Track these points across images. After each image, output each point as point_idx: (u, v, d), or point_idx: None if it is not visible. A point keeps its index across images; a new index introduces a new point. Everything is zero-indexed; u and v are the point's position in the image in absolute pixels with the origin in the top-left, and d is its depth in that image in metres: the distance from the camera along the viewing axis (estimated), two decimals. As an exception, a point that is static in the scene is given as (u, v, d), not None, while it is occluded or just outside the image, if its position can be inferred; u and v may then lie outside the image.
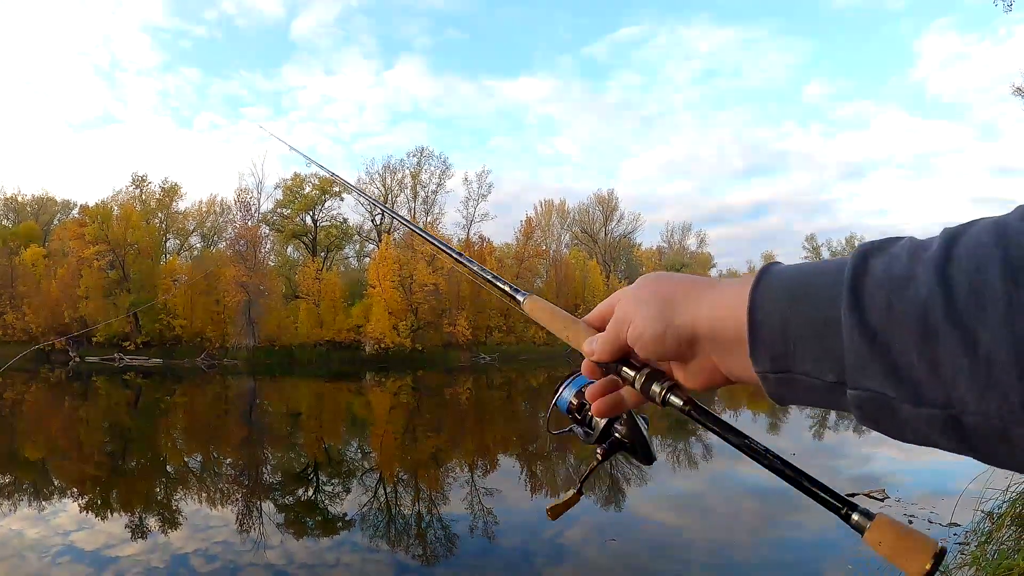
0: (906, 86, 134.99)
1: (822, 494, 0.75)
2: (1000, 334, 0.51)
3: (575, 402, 1.09)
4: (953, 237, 0.57)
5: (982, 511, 7.83)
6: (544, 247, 75.50)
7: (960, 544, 7.81)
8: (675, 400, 0.85)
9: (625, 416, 1.05)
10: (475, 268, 1.35)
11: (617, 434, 1.07)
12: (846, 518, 0.73)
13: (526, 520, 10.41)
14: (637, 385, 0.87)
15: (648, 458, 1.08)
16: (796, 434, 17.96)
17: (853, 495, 10.26)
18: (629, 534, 9.41)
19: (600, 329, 0.92)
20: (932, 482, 11.24)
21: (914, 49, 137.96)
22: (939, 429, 0.57)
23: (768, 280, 0.70)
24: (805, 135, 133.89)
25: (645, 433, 1.07)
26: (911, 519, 9.06)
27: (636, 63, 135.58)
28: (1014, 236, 0.53)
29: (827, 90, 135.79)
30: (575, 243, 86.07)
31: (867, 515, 0.72)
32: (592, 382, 0.96)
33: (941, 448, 0.60)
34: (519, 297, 1.15)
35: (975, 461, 0.61)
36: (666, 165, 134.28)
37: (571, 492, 1.12)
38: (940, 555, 0.65)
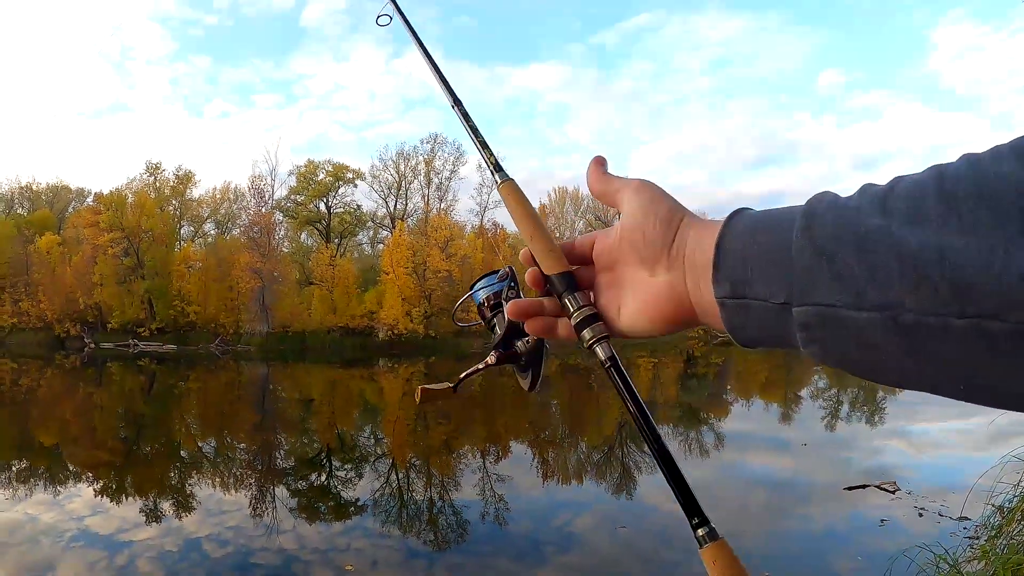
0: (920, 77, 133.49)
1: (686, 497, 0.83)
2: (931, 239, 0.56)
3: (490, 301, 1.08)
4: (898, 177, 0.63)
5: (992, 505, 7.82)
6: (558, 234, 75.35)
7: (970, 538, 7.80)
8: (600, 352, 0.86)
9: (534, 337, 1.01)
10: (465, 126, 1.27)
11: (517, 349, 1.03)
12: (694, 528, 0.81)
13: (536, 507, 10.45)
14: (573, 321, 0.88)
15: (534, 385, 1.05)
16: (808, 425, 17.89)
17: (864, 486, 10.32)
18: (639, 522, 9.43)
19: (570, 258, 0.94)
20: (943, 476, 11.20)
21: (928, 39, 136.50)
22: (880, 331, 0.60)
23: (738, 217, 0.75)
24: (818, 125, 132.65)
25: (544, 360, 1.04)
26: (921, 512, 9.05)
27: (647, 51, 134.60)
28: (950, 171, 0.58)
29: (840, 80, 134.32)
30: (588, 230, 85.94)
31: (712, 535, 0.80)
32: (508, 288, 1.03)
33: (888, 371, 0.63)
34: (497, 177, 1.09)
35: (985, 456, 0.64)
36: (677, 154, 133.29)
37: (445, 384, 1.13)
38: None
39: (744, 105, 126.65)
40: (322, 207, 72.71)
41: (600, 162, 0.95)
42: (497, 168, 1.09)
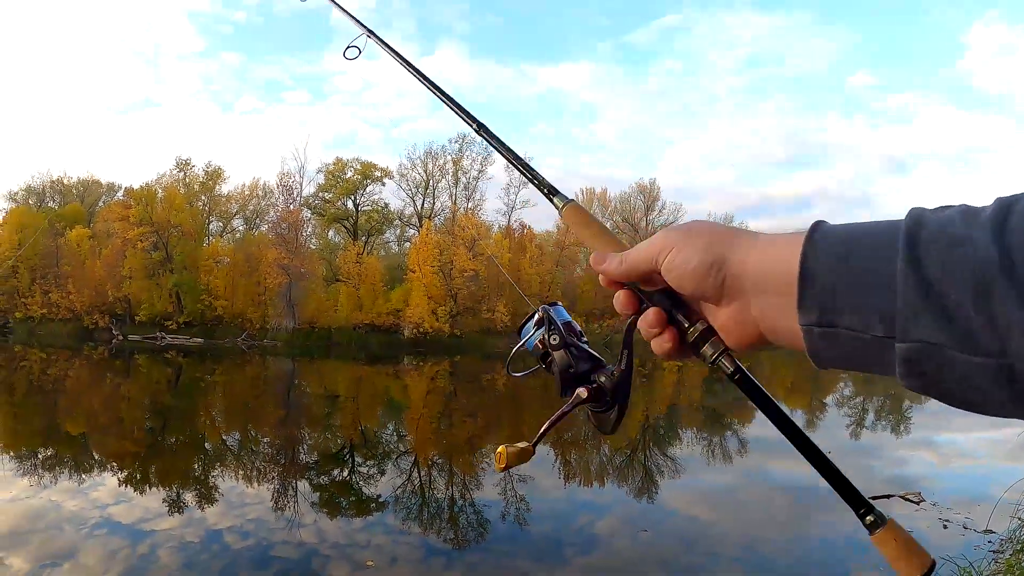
0: (952, 78, 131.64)
1: (846, 491, 0.81)
2: None
3: (541, 347, 1.01)
4: (1008, 205, 0.60)
5: (1019, 519, 7.70)
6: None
7: (995, 552, 7.68)
8: (727, 365, 0.84)
9: (624, 363, 0.94)
10: (512, 151, 1.23)
11: (599, 383, 0.95)
12: (862, 517, 0.81)
13: (558, 508, 10.41)
14: (690, 336, 0.85)
15: (619, 423, 0.97)
16: (833, 432, 17.70)
17: (889, 496, 10.21)
18: (661, 526, 9.37)
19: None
20: (969, 487, 11.03)
21: (961, 40, 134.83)
22: (992, 378, 0.58)
23: (820, 235, 0.71)
24: (849, 126, 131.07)
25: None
26: (946, 524, 8.93)
27: (677, 50, 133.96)
28: None
29: (872, 81, 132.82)
30: (616, 232, 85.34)
31: (881, 519, 0.80)
32: (549, 331, 0.98)
33: (987, 406, 0.62)
34: (556, 201, 1.08)
35: (1014, 467, 0.63)
36: (707, 154, 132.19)
37: (525, 445, 1.02)
38: (931, 568, 0.76)
39: (774, 105, 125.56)
40: (350, 205, 73.00)
41: (600, 260, 0.92)
42: (552, 192, 1.08)
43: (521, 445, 0.98)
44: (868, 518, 0.80)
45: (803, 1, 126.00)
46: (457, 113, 1.40)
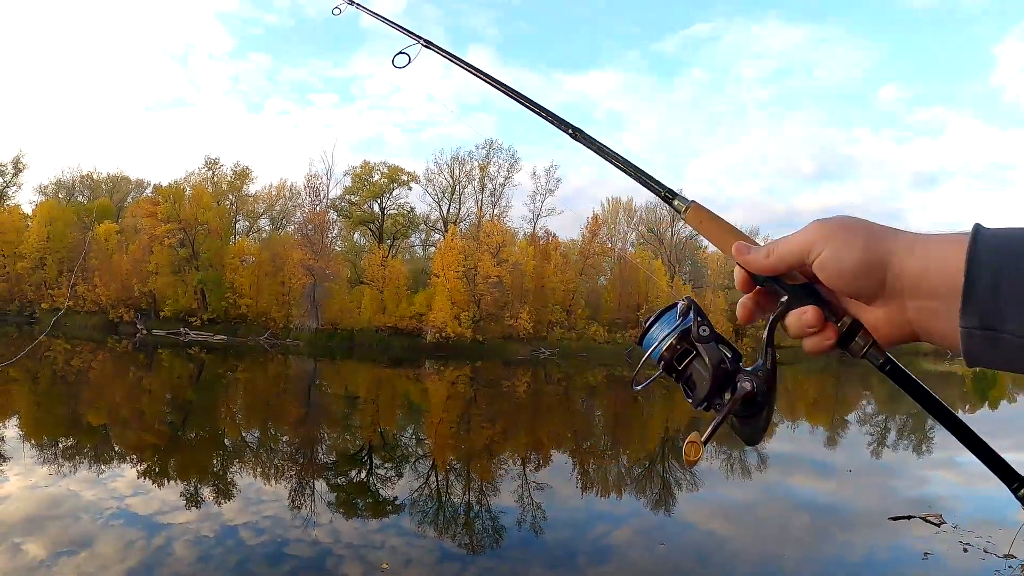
0: (982, 93, 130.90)
1: (1000, 468, 0.83)
2: None
3: (677, 347, 0.89)
4: None
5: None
6: (609, 245, 74.94)
7: (1018, 577, 7.57)
8: (877, 357, 0.83)
9: (769, 363, 0.86)
10: (617, 154, 1.16)
11: (747, 388, 0.85)
12: (1015, 491, 0.82)
13: (574, 517, 10.36)
14: (840, 329, 0.83)
15: (764, 431, 0.88)
16: (854, 450, 17.51)
17: (909, 517, 10.08)
18: (677, 539, 9.30)
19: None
20: (990, 510, 10.84)
21: (992, 54, 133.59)
22: None
23: (984, 238, 0.69)
24: (877, 140, 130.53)
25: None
26: (966, 547, 8.79)
27: (706, 60, 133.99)
28: None
29: (901, 94, 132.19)
30: (641, 242, 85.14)
31: None
32: (698, 324, 0.88)
33: None
34: (677, 203, 1.03)
35: None
36: (734, 166, 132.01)
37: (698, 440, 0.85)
38: None
39: (803, 117, 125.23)
40: (376, 208, 73.28)
41: (744, 250, 0.90)
42: (671, 195, 1.04)
43: (698, 439, 0.85)
44: (1021, 491, 0.82)
45: (832, 13, 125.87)
46: (547, 119, 1.37)
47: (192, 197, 62.22)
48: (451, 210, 73.35)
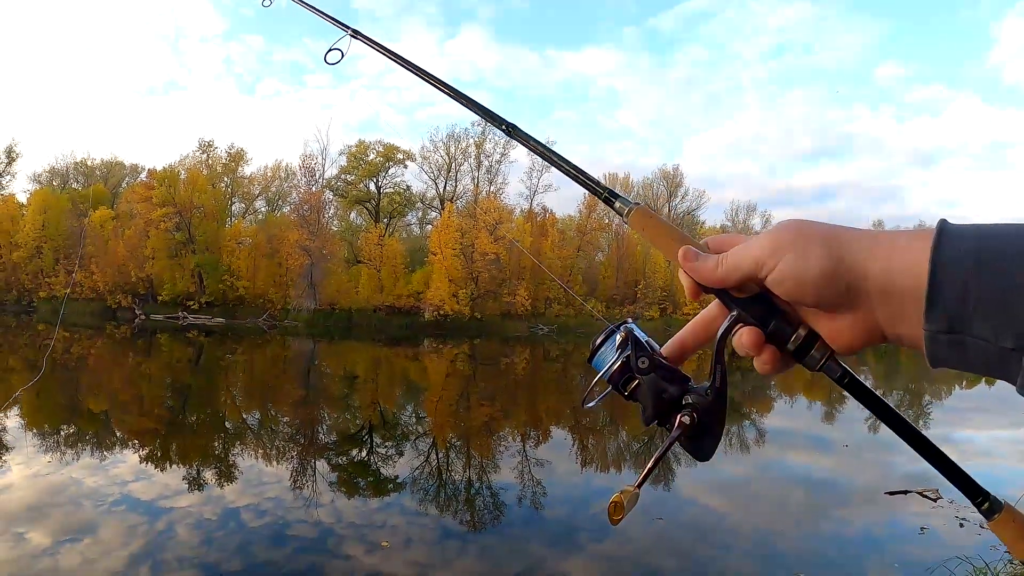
0: (982, 72, 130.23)
1: (962, 481, 0.83)
2: None
3: (619, 366, 0.88)
4: None
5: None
6: (607, 220, 74.85)
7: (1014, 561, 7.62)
8: (834, 370, 0.80)
9: (718, 380, 0.83)
10: (559, 159, 1.03)
11: (696, 404, 0.84)
12: (979, 505, 0.83)
13: (574, 493, 10.43)
14: (791, 344, 0.79)
15: (714, 448, 0.86)
16: (851, 425, 17.52)
17: (906, 492, 10.14)
18: (675, 515, 9.35)
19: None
20: (987, 486, 10.85)
21: (991, 33, 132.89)
22: None
23: (949, 238, 0.67)
24: (875, 118, 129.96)
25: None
26: (962, 522, 8.84)
27: (703, 37, 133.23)
28: None
29: (900, 72, 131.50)
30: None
31: (997, 504, 0.82)
32: (636, 352, 0.85)
33: None
34: (619, 205, 0.94)
35: None
36: (732, 143, 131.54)
37: (633, 489, 0.83)
38: None
39: (801, 95, 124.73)
40: (372, 187, 73.20)
41: (692, 255, 0.83)
42: (612, 195, 0.95)
43: (631, 490, 0.83)
44: (984, 505, 0.82)
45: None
46: (480, 114, 1.27)
47: (187, 180, 62.21)
48: (447, 188, 73.32)
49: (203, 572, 6.63)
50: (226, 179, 69.83)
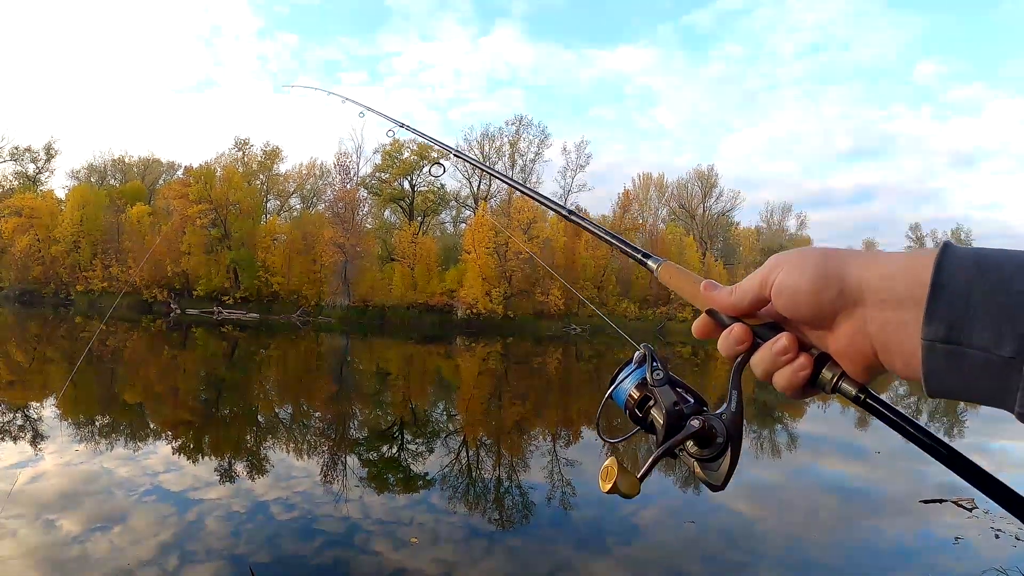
0: (1023, 71, 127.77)
1: (1009, 500, 0.75)
2: None
3: (636, 396, 0.93)
4: None
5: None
6: (641, 220, 74.57)
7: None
8: (849, 389, 0.78)
9: (735, 406, 0.86)
10: (596, 230, 1.30)
11: (711, 428, 0.85)
12: None
13: (603, 495, 10.30)
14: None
15: (731, 475, 0.84)
16: (884, 432, 17.15)
17: (941, 501, 9.96)
18: (705, 519, 9.25)
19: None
20: (1024, 496, 10.68)
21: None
22: None
23: (953, 249, 0.67)
24: (915, 118, 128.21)
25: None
26: (998, 533, 8.66)
27: (739, 34, 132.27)
28: None
29: (940, 70, 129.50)
30: (672, 218, 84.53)
31: None
32: (652, 370, 0.93)
33: None
34: (651, 264, 1.09)
35: None
36: (768, 143, 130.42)
37: (634, 477, 0.90)
38: None
39: (838, 93, 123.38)
40: (406, 185, 73.50)
41: (711, 287, 0.91)
42: (646, 256, 1.12)
43: (632, 475, 0.88)
44: None
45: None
46: (547, 204, 1.60)
47: (223, 178, 62.99)
48: (481, 187, 73.39)
49: (231, 563, 6.66)
50: (261, 176, 70.53)
